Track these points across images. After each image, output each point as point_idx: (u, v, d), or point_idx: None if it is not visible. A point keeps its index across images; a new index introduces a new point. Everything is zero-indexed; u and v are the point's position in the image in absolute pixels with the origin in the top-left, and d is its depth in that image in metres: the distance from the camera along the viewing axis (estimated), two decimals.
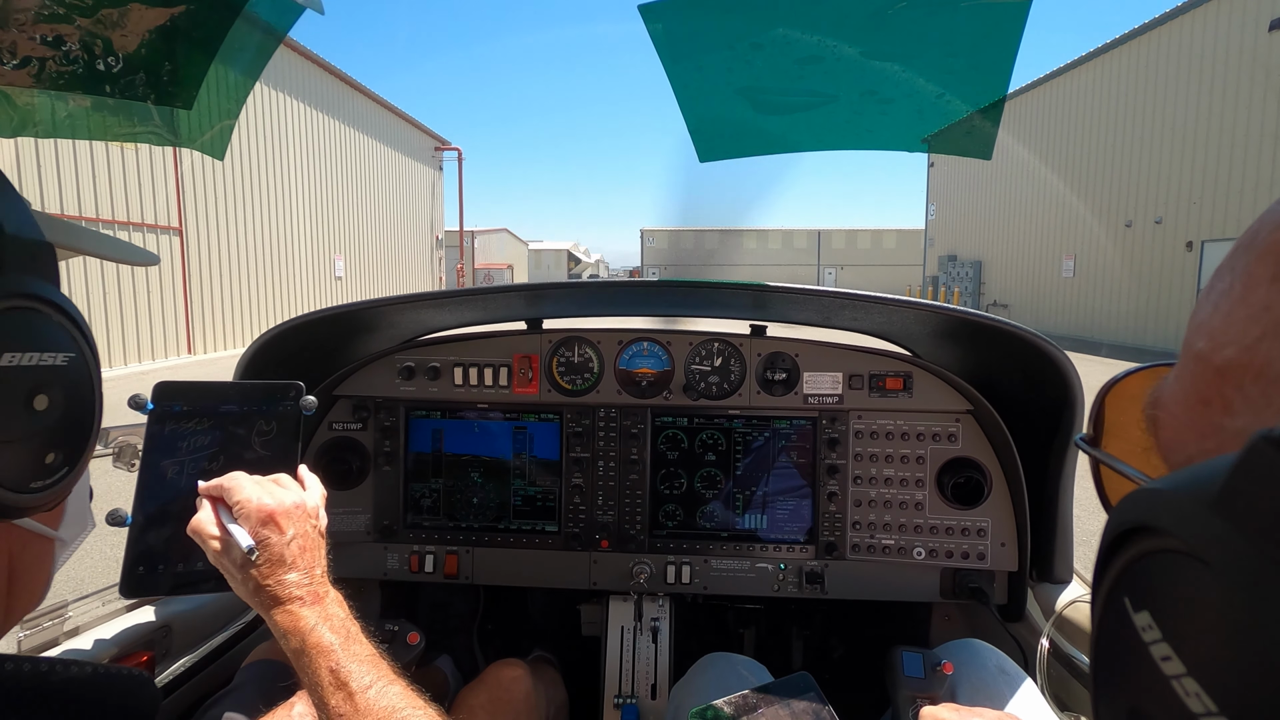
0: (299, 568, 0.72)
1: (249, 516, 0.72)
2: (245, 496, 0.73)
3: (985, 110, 0.97)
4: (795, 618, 1.85)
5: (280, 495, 0.75)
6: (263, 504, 0.73)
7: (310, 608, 0.71)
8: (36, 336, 0.47)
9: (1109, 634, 0.26)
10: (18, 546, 0.53)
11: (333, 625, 0.71)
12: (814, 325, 1.63)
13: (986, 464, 1.42)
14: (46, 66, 0.84)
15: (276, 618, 0.70)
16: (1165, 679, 0.22)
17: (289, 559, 0.72)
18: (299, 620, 0.70)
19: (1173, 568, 0.22)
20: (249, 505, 0.73)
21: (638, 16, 0.83)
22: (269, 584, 0.71)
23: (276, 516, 0.73)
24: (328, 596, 0.74)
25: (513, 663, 1.26)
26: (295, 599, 0.71)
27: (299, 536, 0.74)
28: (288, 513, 0.74)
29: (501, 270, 31.08)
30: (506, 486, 1.52)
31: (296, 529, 0.74)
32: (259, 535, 0.71)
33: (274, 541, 0.72)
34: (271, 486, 0.76)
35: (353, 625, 0.73)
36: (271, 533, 0.72)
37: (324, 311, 1.30)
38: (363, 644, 0.71)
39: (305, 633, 0.69)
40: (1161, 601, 0.23)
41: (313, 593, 0.72)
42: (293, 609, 0.70)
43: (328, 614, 0.72)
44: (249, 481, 0.75)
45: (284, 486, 0.77)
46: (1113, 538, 0.26)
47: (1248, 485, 0.20)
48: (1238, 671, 0.19)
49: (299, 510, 0.75)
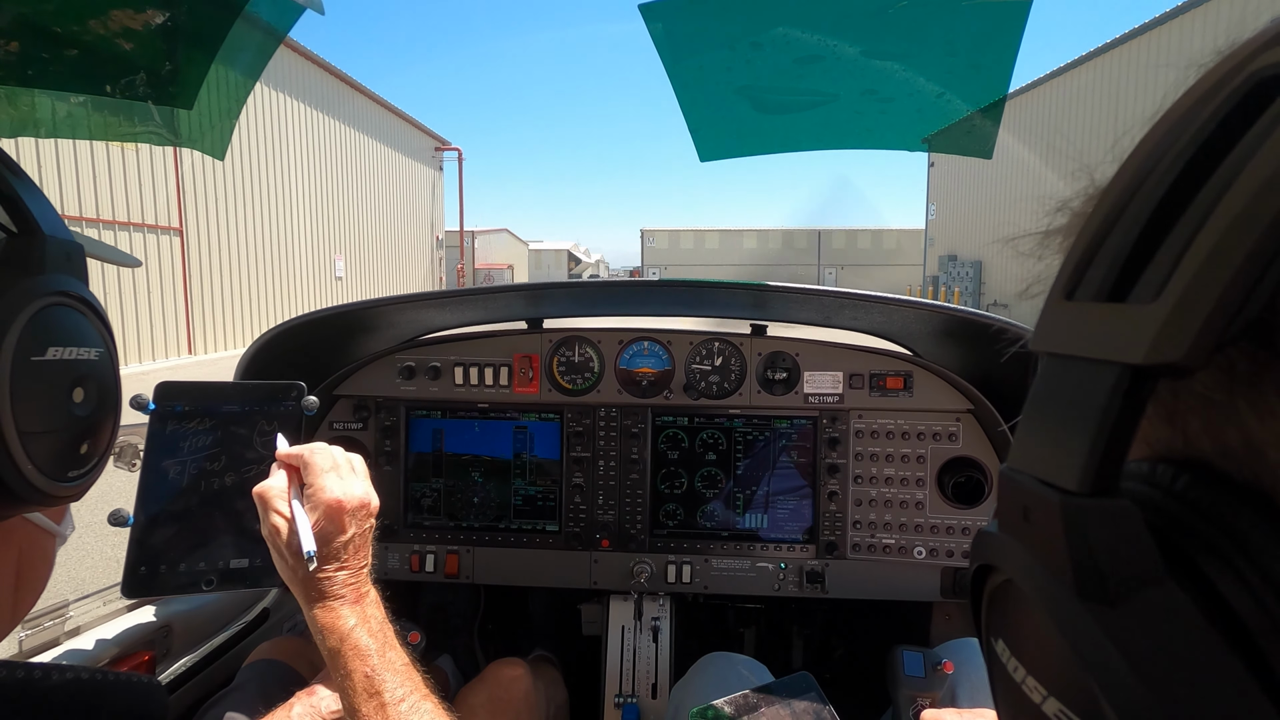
0: (350, 566, 0.71)
1: (318, 505, 0.71)
2: (322, 483, 0.71)
3: (985, 110, 0.97)
4: (796, 617, 1.85)
5: (351, 487, 0.73)
6: (334, 495, 0.71)
7: (351, 606, 0.70)
8: (75, 332, 0.50)
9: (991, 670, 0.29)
10: (27, 542, 0.53)
11: (370, 628, 0.70)
12: (814, 325, 1.64)
13: (987, 463, 1.42)
14: (46, 66, 0.84)
15: (316, 613, 0.69)
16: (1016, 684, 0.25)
17: (343, 557, 0.71)
18: (339, 620, 0.69)
19: (1007, 595, 0.26)
20: (322, 493, 0.71)
21: (638, 16, 0.83)
22: (319, 577, 0.69)
23: (345, 511, 0.71)
24: (368, 596, 0.72)
25: (513, 662, 1.26)
26: (339, 597, 0.70)
27: (358, 535, 0.73)
28: (354, 510, 0.72)
29: (502, 270, 31.09)
30: (507, 486, 1.53)
31: (357, 528, 0.73)
32: (321, 529, 0.70)
33: (334, 538, 0.70)
34: (348, 473, 0.75)
35: (389, 630, 0.72)
36: (334, 528, 0.71)
37: (324, 311, 1.31)
38: (398, 652, 0.70)
39: (344, 633, 0.68)
40: (1007, 627, 0.26)
41: (356, 591, 0.71)
42: (334, 606, 0.69)
43: (366, 615, 0.70)
44: (329, 461, 0.74)
45: (356, 474, 0.76)
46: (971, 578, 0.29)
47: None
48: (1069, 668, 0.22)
49: (364, 509, 0.74)
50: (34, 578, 0.55)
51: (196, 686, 1.20)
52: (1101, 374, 0.20)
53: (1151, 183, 0.21)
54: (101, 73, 0.87)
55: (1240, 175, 0.18)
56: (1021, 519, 0.23)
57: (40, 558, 0.55)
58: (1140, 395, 0.20)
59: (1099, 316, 0.21)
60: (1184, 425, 0.23)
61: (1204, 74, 0.21)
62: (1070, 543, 0.20)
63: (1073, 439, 0.21)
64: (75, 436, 0.50)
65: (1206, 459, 0.22)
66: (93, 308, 0.52)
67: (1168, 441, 0.24)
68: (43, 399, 0.47)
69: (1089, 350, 0.21)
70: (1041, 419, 0.23)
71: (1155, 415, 0.24)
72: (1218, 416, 0.22)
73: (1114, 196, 0.22)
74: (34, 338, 0.46)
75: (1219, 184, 0.19)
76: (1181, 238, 0.19)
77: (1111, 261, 0.21)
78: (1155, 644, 0.19)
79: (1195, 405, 0.23)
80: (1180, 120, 0.21)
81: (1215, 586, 0.19)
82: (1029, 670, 0.24)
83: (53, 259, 0.48)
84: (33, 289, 0.46)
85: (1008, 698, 0.26)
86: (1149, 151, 0.22)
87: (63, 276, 0.49)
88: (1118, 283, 0.21)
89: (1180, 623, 0.19)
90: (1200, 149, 0.20)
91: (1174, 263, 0.19)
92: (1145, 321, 0.19)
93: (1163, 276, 0.19)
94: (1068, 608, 0.20)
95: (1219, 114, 0.20)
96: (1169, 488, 0.22)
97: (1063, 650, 0.21)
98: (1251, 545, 0.19)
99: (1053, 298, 0.24)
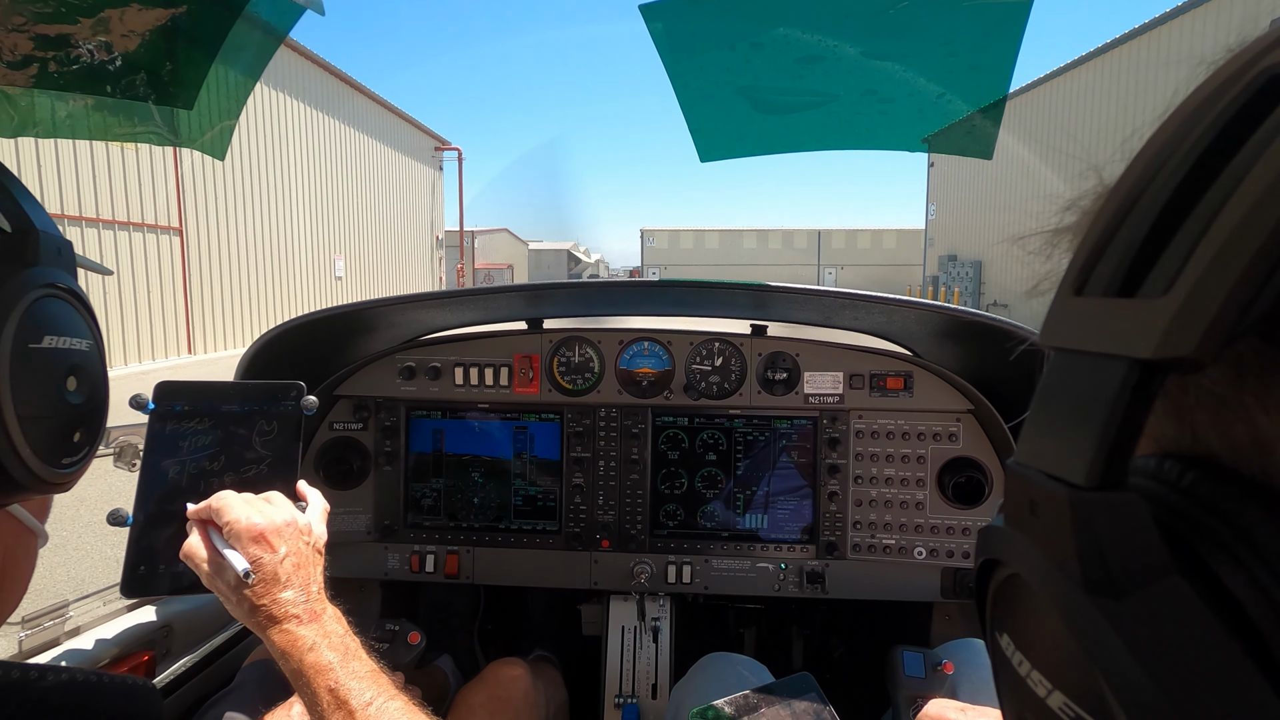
0: (294, 585, 0.71)
1: (239, 536, 0.71)
2: (234, 516, 0.72)
3: (985, 110, 0.96)
4: (796, 618, 1.85)
5: (270, 513, 0.74)
6: (252, 522, 0.72)
7: (307, 625, 0.70)
8: (68, 323, 0.52)
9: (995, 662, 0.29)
10: (11, 540, 0.53)
11: (331, 643, 0.70)
12: (815, 325, 1.63)
13: (987, 463, 1.42)
14: (47, 66, 0.84)
15: (273, 637, 0.69)
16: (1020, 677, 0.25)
17: (283, 577, 0.71)
18: (296, 639, 0.69)
19: (1012, 589, 0.26)
20: (238, 525, 0.72)
21: (638, 16, 0.83)
22: (264, 603, 0.70)
23: (268, 535, 0.72)
24: (325, 613, 0.73)
25: (513, 662, 1.26)
26: (292, 617, 0.70)
27: (292, 554, 0.73)
28: (279, 530, 0.73)
29: (502, 270, 31.08)
30: (507, 486, 1.53)
31: (289, 546, 0.73)
32: (251, 554, 0.70)
33: (266, 560, 0.71)
34: (261, 504, 0.75)
35: (351, 641, 0.72)
36: (263, 551, 0.71)
37: (324, 311, 1.31)
38: (362, 660, 0.71)
39: (303, 651, 0.68)
40: (1012, 622, 0.26)
41: (310, 610, 0.71)
42: (289, 628, 0.69)
43: (326, 631, 0.71)
44: (238, 501, 0.74)
45: (273, 504, 0.77)
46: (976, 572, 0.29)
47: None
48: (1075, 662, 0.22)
49: (290, 528, 0.74)
50: (17, 575, 0.55)
51: (196, 686, 1.20)
52: (1110, 368, 0.20)
53: (1163, 178, 0.21)
54: (101, 73, 0.87)
55: (1252, 170, 0.18)
56: (1028, 513, 0.23)
57: (24, 555, 0.56)
58: (1149, 390, 0.20)
59: (1108, 311, 0.21)
60: (1192, 421, 0.23)
61: (1215, 70, 0.21)
62: (1078, 537, 0.20)
63: (1081, 433, 0.21)
64: (69, 423, 0.51)
65: (1214, 454, 0.22)
66: (82, 300, 0.54)
67: (1175, 437, 0.24)
68: (39, 385, 0.48)
69: (1098, 345, 0.21)
70: (1049, 414, 0.23)
71: (1163, 411, 0.24)
72: (1226, 412, 0.22)
73: (1125, 191, 0.22)
74: (31, 326, 0.47)
75: (1230, 179, 0.18)
76: (1192, 232, 0.19)
77: (1122, 256, 0.21)
78: (1162, 638, 0.19)
79: (1203, 401, 0.22)
80: (1191, 116, 0.21)
81: (1222, 581, 0.19)
82: (1034, 664, 0.24)
83: (46, 253, 0.50)
84: (29, 280, 0.48)
85: (1013, 692, 0.26)
86: (1160, 147, 0.22)
87: (55, 270, 0.51)
88: (1128, 277, 0.21)
89: (1187, 617, 0.19)
90: (1212, 144, 0.20)
91: (1185, 257, 0.19)
92: (1155, 316, 0.19)
93: (1173, 271, 0.19)
94: (1074, 602, 0.20)
95: (1231, 110, 0.20)
96: (1176, 483, 0.22)
97: (1069, 644, 0.21)
98: (1258, 540, 0.19)
99: (1062, 293, 0.24)
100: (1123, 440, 0.20)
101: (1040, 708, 0.23)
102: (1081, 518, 0.20)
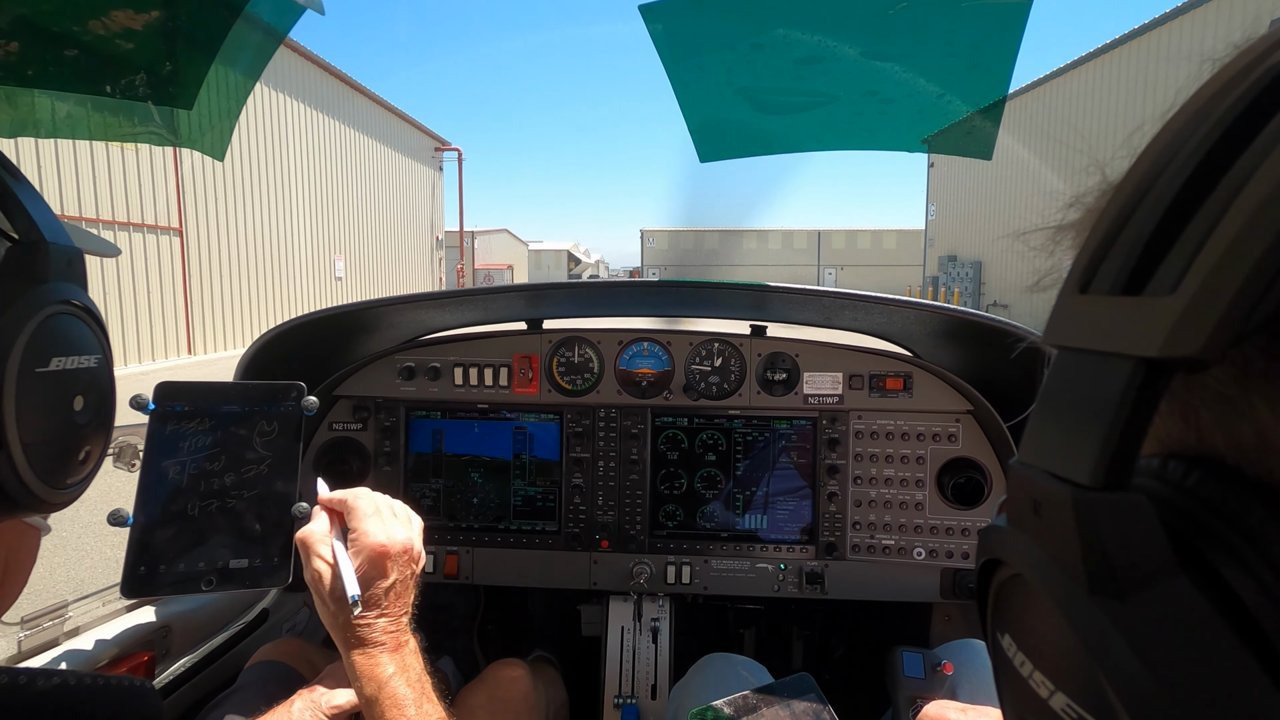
0: (391, 613, 0.71)
1: (361, 550, 0.70)
2: (365, 529, 0.71)
3: (985, 110, 0.97)
4: (795, 618, 1.85)
5: (395, 533, 0.73)
6: (378, 540, 0.71)
7: (391, 655, 0.69)
8: (77, 341, 0.50)
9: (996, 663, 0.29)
10: (15, 538, 0.53)
11: (409, 678, 0.69)
12: (814, 325, 1.63)
13: (987, 464, 1.42)
14: (46, 67, 0.84)
15: (355, 659, 0.69)
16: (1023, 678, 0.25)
17: (384, 604, 0.70)
18: (378, 667, 0.68)
19: (1014, 590, 0.26)
20: (365, 539, 0.71)
21: (638, 16, 0.83)
22: (358, 624, 0.69)
23: (388, 557, 0.71)
24: (407, 645, 0.72)
25: (513, 663, 1.26)
26: (379, 644, 0.69)
27: (399, 582, 0.72)
28: (397, 555, 0.72)
29: (501, 270, 31.08)
30: (507, 487, 1.52)
31: (399, 574, 0.72)
32: (365, 575, 0.69)
33: (376, 583, 0.70)
34: (390, 519, 0.74)
35: (427, 681, 0.71)
36: (377, 572, 0.70)
37: (324, 311, 1.30)
38: (434, 704, 0.70)
39: (382, 681, 0.67)
40: (1014, 622, 0.26)
41: (395, 640, 0.71)
42: (374, 653, 0.69)
43: (405, 664, 0.70)
44: (371, 507, 0.73)
45: (398, 518, 0.75)
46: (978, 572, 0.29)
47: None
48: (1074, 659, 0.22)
49: (406, 555, 0.73)
50: (19, 574, 0.56)
51: (196, 687, 1.20)
52: (1116, 367, 0.20)
53: (1169, 175, 0.21)
54: (101, 73, 0.87)
55: (1259, 168, 0.18)
56: (1032, 513, 0.23)
57: (27, 551, 0.56)
58: (1155, 389, 0.19)
59: (1114, 309, 0.21)
60: (1197, 420, 0.23)
61: (1221, 68, 0.21)
62: (1082, 537, 0.20)
63: (1085, 433, 0.20)
64: (75, 444, 0.50)
65: (1219, 454, 0.22)
66: (93, 314, 0.52)
67: (1180, 437, 0.24)
68: (45, 410, 0.47)
69: (1103, 343, 0.21)
70: (1053, 413, 0.23)
71: (1168, 410, 0.24)
72: (1231, 412, 0.21)
73: (1130, 189, 0.22)
74: (39, 349, 0.46)
75: (1238, 177, 0.18)
76: (1199, 230, 0.19)
77: (1127, 254, 0.21)
78: (1166, 638, 0.19)
79: (1209, 400, 0.22)
80: (1198, 113, 0.21)
81: (1227, 581, 0.19)
82: (1036, 665, 0.24)
83: (56, 266, 0.48)
84: (38, 299, 0.46)
85: (1014, 693, 0.26)
86: (1166, 144, 0.21)
87: (65, 284, 0.49)
88: (1133, 275, 0.21)
89: (1191, 617, 0.19)
90: (1219, 142, 0.20)
91: (1191, 255, 0.18)
92: (1161, 314, 0.19)
93: (1180, 269, 0.19)
94: (1078, 602, 0.20)
95: (1237, 107, 0.20)
96: (1181, 483, 0.22)
97: (1072, 644, 0.21)
98: (1263, 540, 0.19)
99: (1066, 291, 0.24)
100: (1128, 440, 0.20)
101: (1042, 709, 0.23)
102: (1086, 518, 0.20)
